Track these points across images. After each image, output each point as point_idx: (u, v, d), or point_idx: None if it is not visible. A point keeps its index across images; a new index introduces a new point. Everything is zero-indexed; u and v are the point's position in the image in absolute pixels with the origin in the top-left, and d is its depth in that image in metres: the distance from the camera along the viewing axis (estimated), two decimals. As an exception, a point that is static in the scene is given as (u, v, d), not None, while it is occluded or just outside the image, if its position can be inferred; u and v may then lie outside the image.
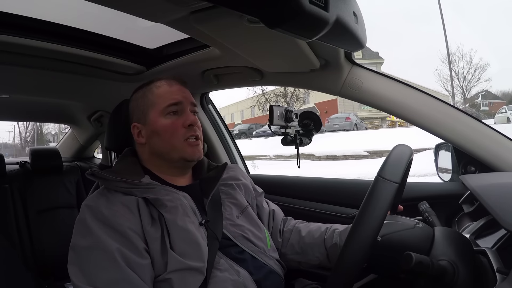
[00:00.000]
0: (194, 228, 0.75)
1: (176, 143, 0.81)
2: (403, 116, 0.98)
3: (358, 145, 10.47)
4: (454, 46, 20.72)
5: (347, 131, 14.61)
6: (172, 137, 0.81)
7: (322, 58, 0.97)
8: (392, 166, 0.63)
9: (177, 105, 0.83)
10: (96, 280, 0.65)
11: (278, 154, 10.88)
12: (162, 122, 0.82)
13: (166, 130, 0.81)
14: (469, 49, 23.75)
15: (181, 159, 0.83)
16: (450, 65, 18.09)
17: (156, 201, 0.75)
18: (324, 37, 0.57)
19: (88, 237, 0.69)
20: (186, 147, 0.82)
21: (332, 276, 0.59)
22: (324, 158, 9.56)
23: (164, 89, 0.85)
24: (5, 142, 28.30)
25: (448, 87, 17.86)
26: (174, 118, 0.82)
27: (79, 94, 1.48)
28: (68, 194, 1.73)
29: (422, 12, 39.34)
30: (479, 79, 18.39)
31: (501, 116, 13.93)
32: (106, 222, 0.70)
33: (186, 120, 0.82)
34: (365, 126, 17.86)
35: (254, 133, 16.60)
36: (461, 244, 0.68)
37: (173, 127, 0.82)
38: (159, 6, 0.70)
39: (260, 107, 16.33)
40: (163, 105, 0.82)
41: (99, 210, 0.72)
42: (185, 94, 0.86)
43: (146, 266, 0.69)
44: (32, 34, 0.97)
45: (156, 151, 0.84)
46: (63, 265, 0.71)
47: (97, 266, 0.66)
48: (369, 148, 10.08)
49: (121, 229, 0.70)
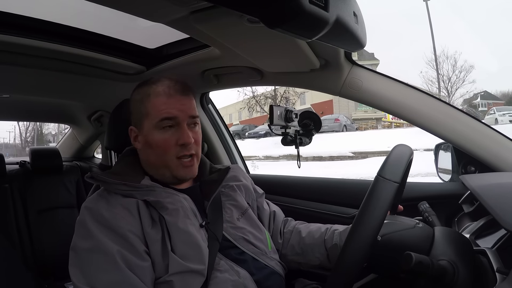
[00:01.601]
0: (195, 230, 0.75)
1: (168, 161, 0.78)
2: (403, 116, 0.98)
3: (344, 146, 10.68)
4: (439, 49, 21.15)
5: (335, 132, 14.75)
6: (165, 154, 0.78)
7: (322, 58, 0.97)
8: (392, 165, 0.63)
9: (171, 119, 0.77)
10: (97, 282, 0.65)
11: (267, 155, 11.08)
12: (155, 137, 0.78)
13: (158, 145, 0.78)
14: (453, 52, 24.12)
15: (173, 177, 0.81)
16: (438, 67, 18.41)
17: (156, 203, 0.75)
18: (324, 37, 0.57)
19: (89, 239, 0.69)
20: (179, 167, 0.79)
21: (332, 276, 0.59)
22: (311, 159, 9.68)
23: (161, 100, 0.78)
24: (5, 142, 28.35)
25: (433, 89, 18.25)
26: (169, 134, 0.78)
27: (79, 94, 1.48)
28: (68, 194, 1.73)
29: (409, 13, 39.41)
30: (464, 81, 18.79)
31: (489, 118, 14.10)
32: (106, 225, 0.70)
33: (179, 139, 0.77)
34: (355, 127, 17.97)
35: (247, 134, 16.71)
36: (461, 244, 0.68)
37: (166, 144, 0.77)
38: (159, 6, 0.70)
39: (251, 109, 16.40)
40: (158, 118, 0.77)
41: (99, 213, 0.71)
42: (184, 106, 0.79)
43: (146, 268, 0.69)
44: (32, 34, 0.97)
45: (150, 162, 0.82)
46: (63, 265, 0.71)
47: (98, 268, 0.66)
48: (355, 149, 10.31)
49: (122, 232, 0.69)
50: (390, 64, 33.08)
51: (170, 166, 0.79)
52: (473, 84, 19.24)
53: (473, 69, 18.93)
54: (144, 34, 1.14)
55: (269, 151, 11.31)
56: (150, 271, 0.70)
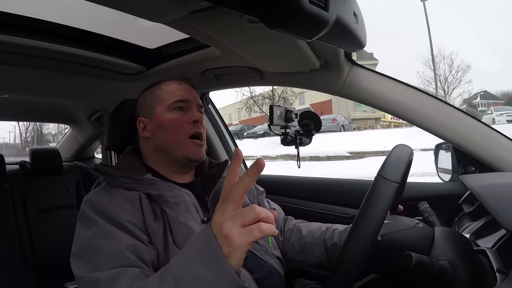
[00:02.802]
0: (196, 225, 0.75)
1: (180, 139, 0.82)
2: (403, 116, 0.98)
3: (341, 146, 10.73)
4: (436, 49, 21.31)
5: (333, 132, 14.78)
6: (177, 132, 0.82)
7: (322, 58, 0.97)
8: (392, 166, 0.63)
9: (184, 102, 0.84)
10: (103, 267, 0.63)
11: (264, 154, 11.12)
12: (167, 117, 0.83)
13: (171, 124, 0.82)
14: (450, 52, 24.26)
15: (184, 157, 0.83)
16: (435, 67, 18.50)
17: (158, 197, 0.75)
18: (324, 37, 0.57)
19: (93, 227, 0.69)
20: (190, 145, 0.83)
21: (332, 275, 0.59)
22: (308, 159, 9.72)
23: (173, 86, 0.87)
24: (6, 142, 28.36)
25: (429, 89, 18.34)
26: (180, 114, 0.84)
27: (79, 94, 1.48)
28: (68, 194, 1.73)
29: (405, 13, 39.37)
30: (461, 81, 18.92)
31: (487, 118, 14.11)
32: (108, 215, 0.70)
33: (192, 117, 0.83)
34: (353, 127, 18.01)
35: (245, 134, 16.74)
36: (461, 244, 0.68)
37: (179, 122, 0.83)
38: (159, 6, 0.70)
39: (248, 110, 16.41)
40: (171, 101, 0.84)
41: (100, 204, 0.71)
42: (193, 94, 0.88)
43: (152, 254, 0.69)
44: (32, 34, 0.97)
45: (159, 146, 0.84)
46: (63, 265, 0.71)
47: (103, 253, 0.65)
48: (351, 149, 10.36)
49: (124, 223, 0.69)
50: (387, 63, 33.17)
51: (181, 144, 0.82)
52: (469, 84, 19.42)
53: (470, 69, 19.12)
54: (144, 34, 1.14)
55: (267, 151, 11.38)
56: (156, 259, 0.69)
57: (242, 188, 0.49)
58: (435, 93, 17.19)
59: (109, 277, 0.62)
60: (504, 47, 35.17)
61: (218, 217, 0.50)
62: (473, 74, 27.65)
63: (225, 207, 0.50)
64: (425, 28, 17.63)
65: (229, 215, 0.49)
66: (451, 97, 18.63)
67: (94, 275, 0.62)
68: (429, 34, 17.51)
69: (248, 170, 0.50)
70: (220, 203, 0.51)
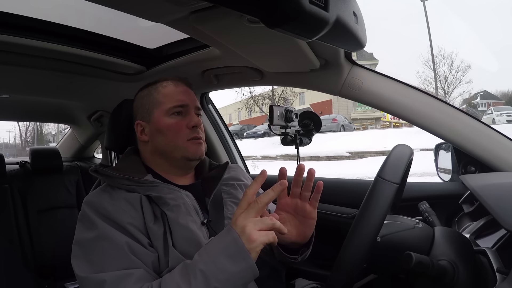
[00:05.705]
0: (196, 228, 0.75)
1: (179, 143, 0.82)
2: (403, 116, 0.98)
3: (341, 146, 10.72)
4: (436, 49, 21.34)
5: (333, 132, 14.78)
6: (176, 137, 0.82)
7: (322, 58, 0.97)
8: (392, 166, 0.63)
9: (182, 106, 0.83)
10: (104, 268, 0.64)
11: (264, 155, 11.15)
12: (166, 122, 0.82)
13: (170, 129, 0.82)
14: (450, 52, 24.28)
15: (183, 158, 0.83)
16: (435, 67, 18.54)
17: (159, 199, 0.75)
18: (324, 37, 0.57)
19: (94, 229, 0.69)
20: (189, 145, 0.82)
21: (332, 276, 0.59)
22: (308, 159, 9.71)
23: (170, 89, 0.85)
24: (6, 142, 28.36)
25: (429, 89, 18.37)
26: (179, 119, 0.83)
27: (79, 94, 1.48)
28: (68, 194, 1.73)
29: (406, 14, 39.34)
30: (461, 81, 18.99)
31: (487, 118, 14.08)
32: (109, 217, 0.70)
33: (190, 122, 0.83)
34: (353, 127, 17.99)
35: (245, 134, 16.73)
36: (461, 244, 0.68)
37: (177, 127, 0.82)
38: (159, 6, 0.70)
39: (248, 110, 16.40)
40: (169, 105, 0.83)
41: (101, 206, 0.71)
42: (191, 96, 0.86)
43: (153, 257, 0.69)
44: (32, 34, 0.97)
45: (158, 150, 0.84)
46: (63, 265, 0.71)
47: (104, 255, 0.66)
48: (351, 149, 10.36)
49: (124, 225, 0.69)
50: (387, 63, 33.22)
51: (180, 147, 0.82)
52: (469, 84, 19.43)
53: (470, 69, 19.12)
54: (144, 34, 1.14)
55: (267, 151, 11.35)
56: (156, 261, 0.70)
57: (266, 200, 0.61)
58: (435, 93, 17.21)
59: (115, 279, 0.62)
60: (503, 46, 35.18)
61: (242, 220, 0.60)
62: (473, 74, 27.73)
63: (248, 212, 0.61)
64: (425, 28, 17.67)
65: (251, 220, 0.60)
66: (451, 97, 18.66)
67: (99, 276, 0.63)
68: (429, 34, 17.54)
69: (274, 187, 0.62)
70: (239, 209, 0.62)
